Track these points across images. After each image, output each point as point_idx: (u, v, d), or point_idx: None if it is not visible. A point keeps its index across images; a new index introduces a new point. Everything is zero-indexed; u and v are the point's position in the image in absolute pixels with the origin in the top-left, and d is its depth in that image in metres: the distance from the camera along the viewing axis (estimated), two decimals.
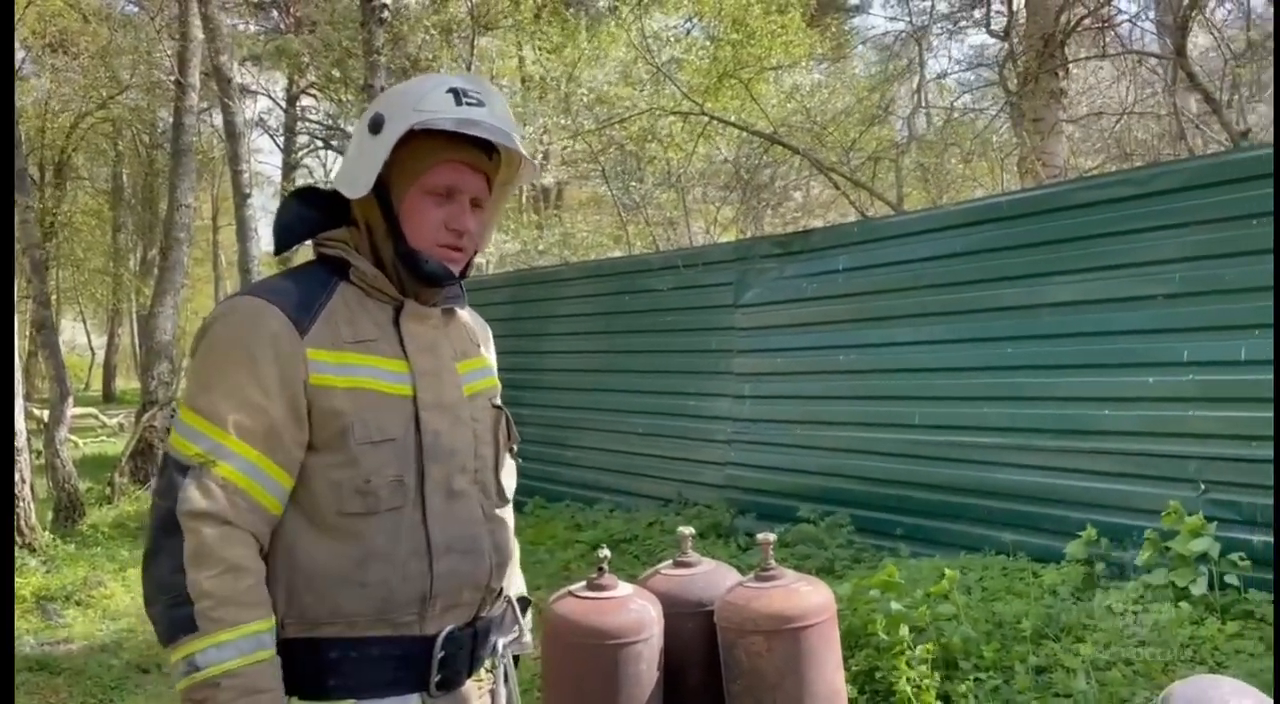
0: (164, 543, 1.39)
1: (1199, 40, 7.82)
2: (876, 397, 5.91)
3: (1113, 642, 3.66)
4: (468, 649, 1.57)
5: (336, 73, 20.32)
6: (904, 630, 3.56)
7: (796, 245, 6.64)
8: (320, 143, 27.55)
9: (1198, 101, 6.20)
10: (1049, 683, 3.39)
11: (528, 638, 1.81)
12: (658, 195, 11.04)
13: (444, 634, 1.52)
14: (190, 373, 1.51)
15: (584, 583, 2.77)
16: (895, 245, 5.95)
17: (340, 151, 27.65)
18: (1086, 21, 6.65)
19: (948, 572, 3.86)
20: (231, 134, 9.53)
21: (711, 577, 2.97)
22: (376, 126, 1.51)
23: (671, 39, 10.06)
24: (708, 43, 9.36)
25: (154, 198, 24.92)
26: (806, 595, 2.74)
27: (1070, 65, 6.59)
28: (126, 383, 27.92)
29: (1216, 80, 6.02)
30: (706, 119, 8.40)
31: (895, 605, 3.75)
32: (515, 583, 1.81)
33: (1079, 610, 4.04)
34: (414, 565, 1.48)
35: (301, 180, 27.15)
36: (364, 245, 1.56)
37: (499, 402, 1.71)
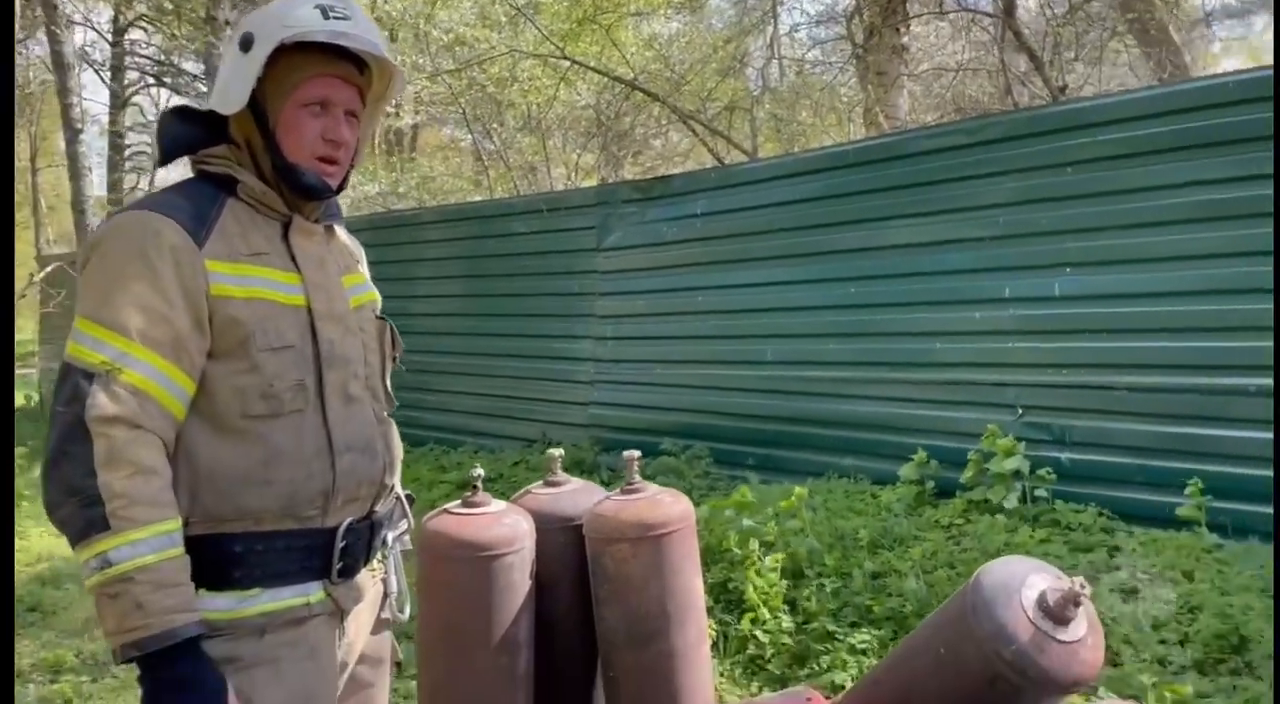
0: (71, 448, 1.42)
1: (1030, 4, 8.36)
2: (732, 336, 6.21)
3: (939, 549, 4.06)
4: (365, 540, 1.67)
5: (169, 4, 19.13)
6: (754, 545, 3.86)
7: (656, 190, 6.84)
8: (152, 79, 25.95)
9: (1025, 61, 6.67)
10: (883, 585, 3.75)
11: (409, 538, 1.93)
12: (518, 140, 11.01)
13: (344, 526, 1.61)
14: (85, 286, 1.51)
15: (459, 502, 2.92)
16: (750, 191, 6.22)
17: (175, 89, 26.15)
18: None
19: (796, 490, 4.18)
20: (60, 65, 8.96)
21: (579, 494, 3.17)
22: (247, 44, 1.55)
23: None
24: None
25: None
26: (669, 505, 2.98)
27: (911, 22, 6.97)
28: None
29: (1040, 40, 6.49)
30: (567, 64, 8.43)
31: (747, 522, 4.05)
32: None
33: (910, 524, 4.45)
34: (317, 464, 1.56)
35: (131, 121, 25.57)
36: (246, 162, 1.61)
37: (382, 314, 1.80)
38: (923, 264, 5.27)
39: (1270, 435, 4.01)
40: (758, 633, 3.57)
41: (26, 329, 17.48)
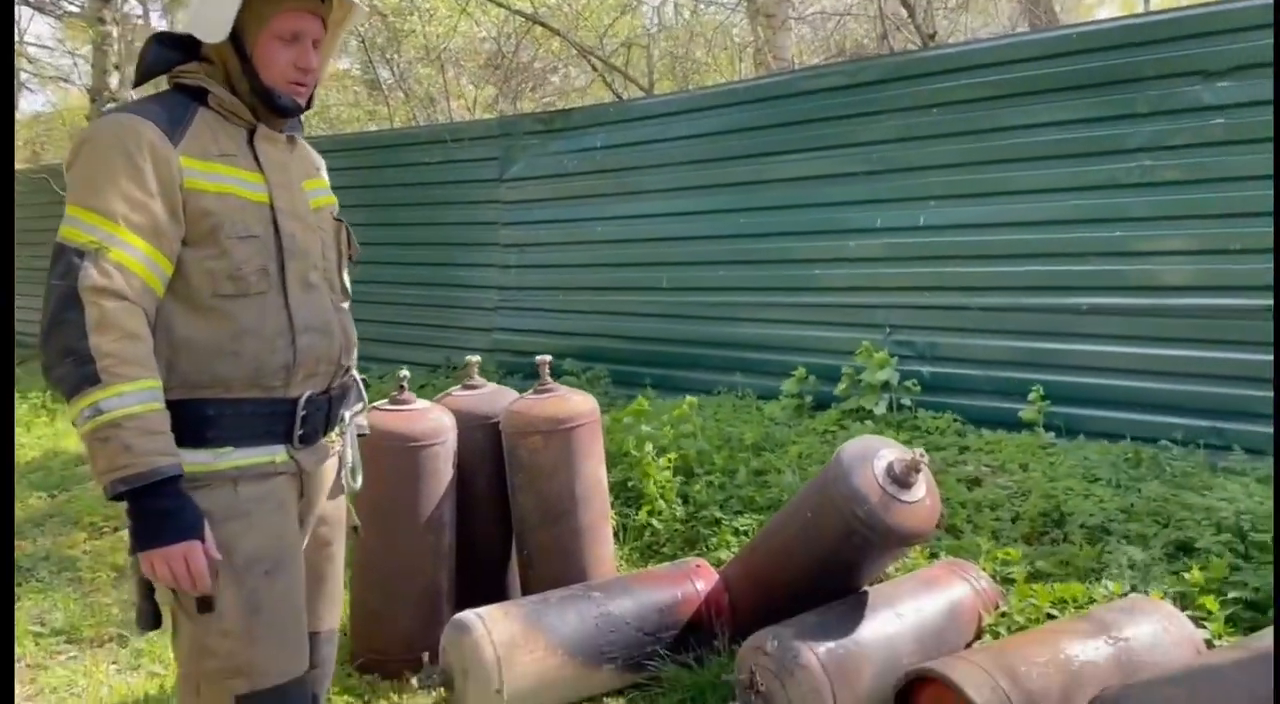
0: (66, 316, 1.62)
1: None
2: (630, 264, 6.56)
3: (814, 450, 4.55)
4: (324, 412, 1.90)
5: None
6: (649, 447, 4.27)
7: (558, 123, 7.08)
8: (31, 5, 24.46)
9: (902, 9, 7.11)
10: (764, 481, 4.21)
11: (364, 420, 2.17)
12: (416, 71, 10.99)
13: (304, 397, 1.83)
14: (74, 179, 1.70)
15: (386, 400, 3.24)
16: (647, 125, 6.53)
17: (37, 8, 24.69)
18: None
19: (688, 399, 4.60)
20: None
21: (495, 396, 3.54)
22: None
23: None
24: None
25: None
26: (577, 403, 3.38)
27: None
28: None
29: None
30: None
31: (645, 428, 4.46)
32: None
33: (790, 431, 4.93)
34: (279, 341, 1.79)
35: None
36: (218, 76, 1.81)
37: (339, 216, 2.03)
38: (805, 196, 5.69)
39: (1099, 348, 4.60)
40: (653, 522, 3.99)
41: None
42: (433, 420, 3.16)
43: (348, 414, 2.02)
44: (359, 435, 2.10)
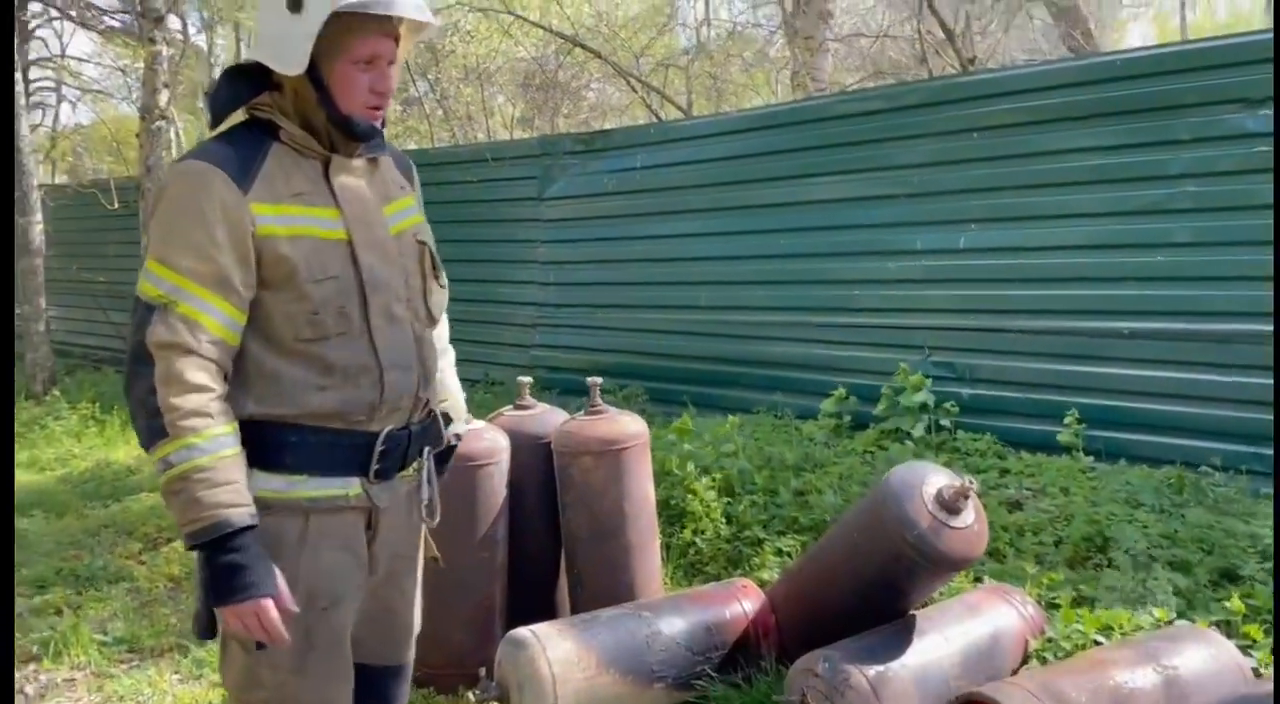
0: (138, 369, 1.66)
1: None
2: (667, 282, 6.65)
3: (854, 470, 4.59)
4: (402, 448, 1.85)
5: None
6: (692, 466, 4.33)
7: (598, 143, 7.19)
8: (55, 12, 25.01)
9: (940, 30, 7.16)
10: (806, 501, 4.26)
11: (462, 429, 2.18)
12: (457, 90, 11.15)
13: (385, 432, 1.81)
14: (152, 231, 1.74)
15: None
16: (686, 146, 6.63)
17: (81, 23, 25.22)
18: None
19: (731, 419, 4.66)
20: None
21: (546, 416, 3.63)
22: (296, 5, 1.69)
23: None
24: None
25: None
26: (627, 424, 3.45)
27: None
28: None
29: (952, 13, 6.98)
30: (510, 18, 8.65)
31: (688, 447, 4.52)
32: (450, 387, 2.18)
33: (830, 451, 4.97)
34: (365, 379, 1.77)
35: (36, 53, 24.68)
36: (290, 109, 1.78)
37: (423, 238, 1.95)
38: (844, 218, 5.76)
39: (1140, 372, 4.63)
40: (697, 541, 4.05)
41: None
42: (488, 441, 3.24)
43: (426, 450, 1.95)
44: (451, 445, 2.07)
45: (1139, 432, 4.60)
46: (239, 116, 1.86)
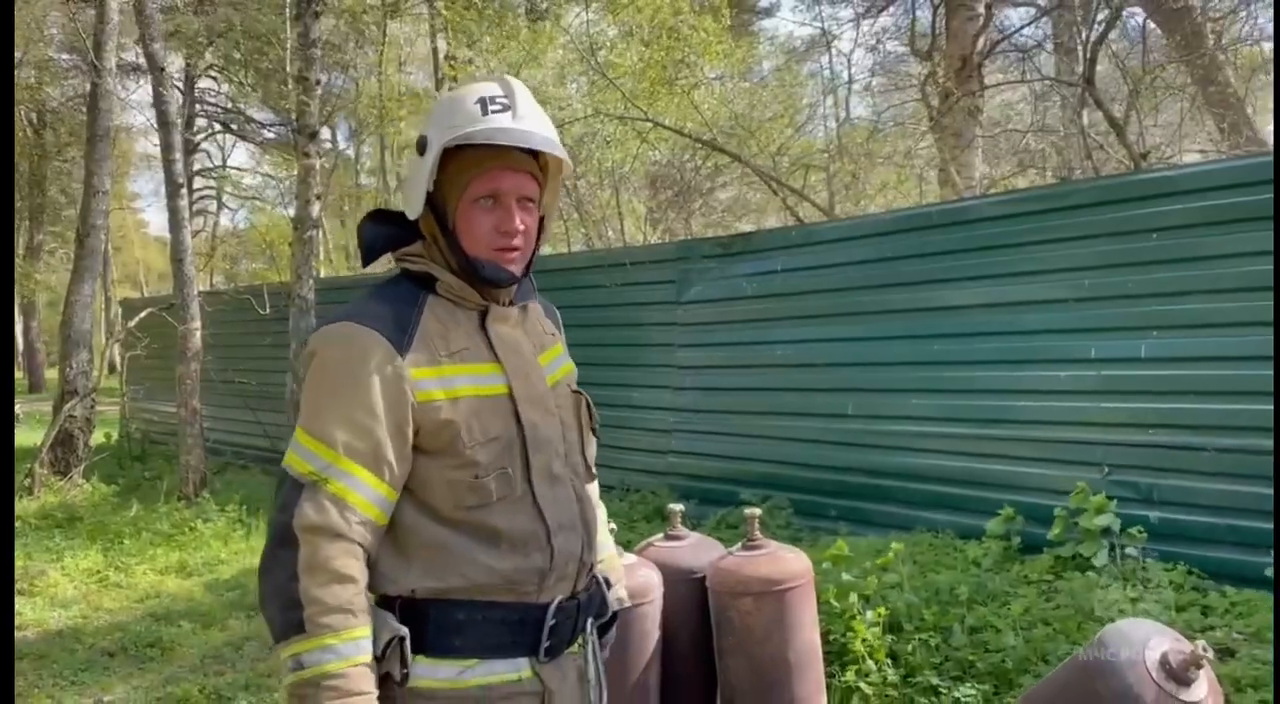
0: (280, 552, 1.54)
1: (1099, 67, 8.51)
2: (812, 389, 6.37)
3: (1033, 605, 4.16)
4: (572, 619, 1.71)
5: (237, 54, 19.90)
6: (853, 598, 3.99)
7: (737, 246, 7.06)
8: (219, 127, 26.99)
9: (1100, 120, 6.83)
10: (983, 640, 3.86)
11: (623, 593, 1.98)
12: (596, 195, 11.32)
13: (555, 603, 1.66)
14: (303, 397, 1.64)
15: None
16: (830, 249, 6.42)
17: (241, 136, 27.17)
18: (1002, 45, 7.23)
19: (894, 545, 4.31)
20: (164, 123, 9.42)
21: (699, 548, 3.38)
22: (422, 147, 1.64)
23: (605, 43, 10.34)
24: (642, 46, 9.65)
25: (42, 181, 23.99)
26: (790, 562, 3.17)
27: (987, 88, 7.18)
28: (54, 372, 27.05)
29: (1117, 104, 6.65)
30: (649, 124, 8.73)
31: (845, 576, 4.19)
32: (607, 546, 1.98)
33: (1002, 580, 4.55)
34: (534, 544, 1.63)
35: (199, 165, 26.64)
36: (438, 258, 1.68)
37: (576, 386, 1.84)
38: (1005, 324, 5.40)
39: None
40: (862, 685, 3.69)
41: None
42: (642, 577, 3.03)
43: (590, 621, 1.78)
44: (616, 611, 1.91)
45: None
46: (387, 262, 1.78)
